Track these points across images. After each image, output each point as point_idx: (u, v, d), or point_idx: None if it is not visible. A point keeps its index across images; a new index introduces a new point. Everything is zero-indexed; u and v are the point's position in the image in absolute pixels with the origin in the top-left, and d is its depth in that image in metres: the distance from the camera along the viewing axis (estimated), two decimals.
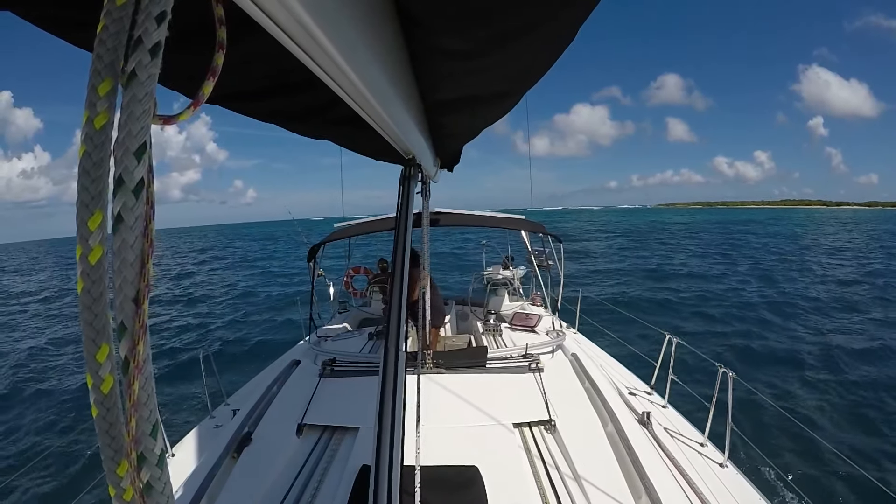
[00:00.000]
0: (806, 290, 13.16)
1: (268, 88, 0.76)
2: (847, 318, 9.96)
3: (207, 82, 0.34)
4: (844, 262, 19.16)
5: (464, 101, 0.95)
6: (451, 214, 4.49)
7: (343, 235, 4.87)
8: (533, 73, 0.79)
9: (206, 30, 0.37)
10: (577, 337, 4.27)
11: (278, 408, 2.62)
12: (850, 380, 6.52)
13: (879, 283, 13.99)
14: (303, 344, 4.04)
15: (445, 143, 1.50)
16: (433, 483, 1.69)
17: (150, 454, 0.28)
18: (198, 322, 11.32)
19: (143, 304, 0.27)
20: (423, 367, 2.78)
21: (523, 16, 0.53)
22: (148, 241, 0.27)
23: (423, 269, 2.34)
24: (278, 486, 2.03)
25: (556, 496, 1.91)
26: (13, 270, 33.36)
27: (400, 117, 0.78)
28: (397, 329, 0.99)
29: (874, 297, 11.92)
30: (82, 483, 2.93)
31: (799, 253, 22.96)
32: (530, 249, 5.30)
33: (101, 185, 0.25)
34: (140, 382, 0.27)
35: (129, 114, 0.26)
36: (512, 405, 2.52)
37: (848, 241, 30.24)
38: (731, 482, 2.23)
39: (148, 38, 0.26)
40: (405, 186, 1.24)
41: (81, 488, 2.67)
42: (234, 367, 6.54)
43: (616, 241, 32.16)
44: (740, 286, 13.71)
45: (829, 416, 5.50)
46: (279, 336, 8.93)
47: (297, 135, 1.01)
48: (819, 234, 34.72)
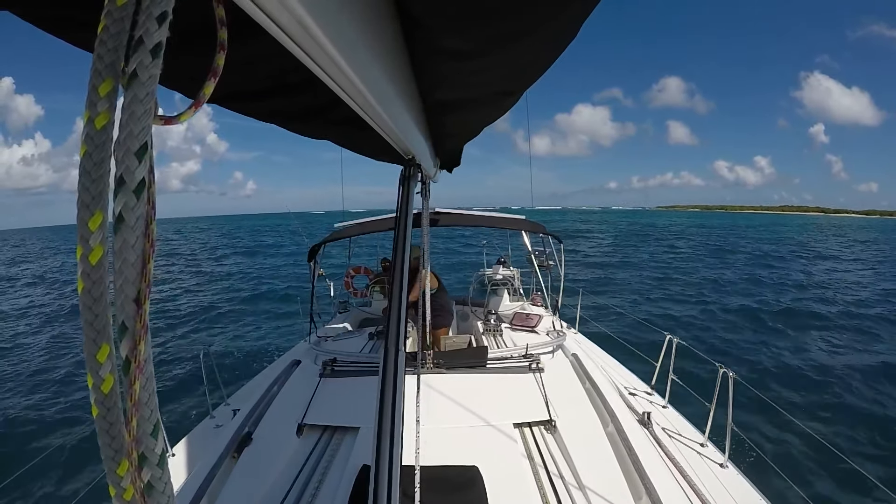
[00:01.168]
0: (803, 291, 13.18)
1: (268, 89, 0.76)
2: (848, 324, 9.98)
3: (208, 83, 0.34)
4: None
5: (463, 100, 0.95)
6: (451, 214, 4.49)
7: (343, 235, 4.87)
8: (533, 73, 0.79)
9: (206, 30, 0.37)
10: (577, 337, 4.27)
11: (278, 408, 2.62)
12: (850, 378, 6.52)
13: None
14: (303, 344, 4.04)
15: (445, 143, 1.50)
16: (434, 483, 1.69)
17: (150, 454, 0.28)
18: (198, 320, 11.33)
19: (144, 305, 0.27)
20: (424, 367, 2.78)
21: (523, 16, 0.53)
22: (149, 241, 0.27)
23: (423, 268, 2.34)
24: (278, 486, 2.03)
25: (556, 496, 1.91)
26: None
27: (400, 117, 0.78)
28: (397, 329, 0.99)
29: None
30: (82, 483, 2.93)
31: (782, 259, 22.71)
32: (530, 249, 5.31)
33: (101, 185, 0.25)
34: (141, 382, 0.27)
35: (130, 114, 0.26)
36: (512, 405, 2.52)
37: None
38: (731, 483, 2.23)
39: (149, 38, 0.26)
40: (405, 186, 1.24)
41: (82, 488, 2.68)
42: (233, 367, 6.55)
43: (612, 241, 32.30)
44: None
45: (830, 416, 5.50)
46: (280, 335, 8.95)
47: (298, 134, 1.01)
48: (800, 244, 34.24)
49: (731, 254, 24.72)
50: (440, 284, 3.97)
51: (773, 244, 32.44)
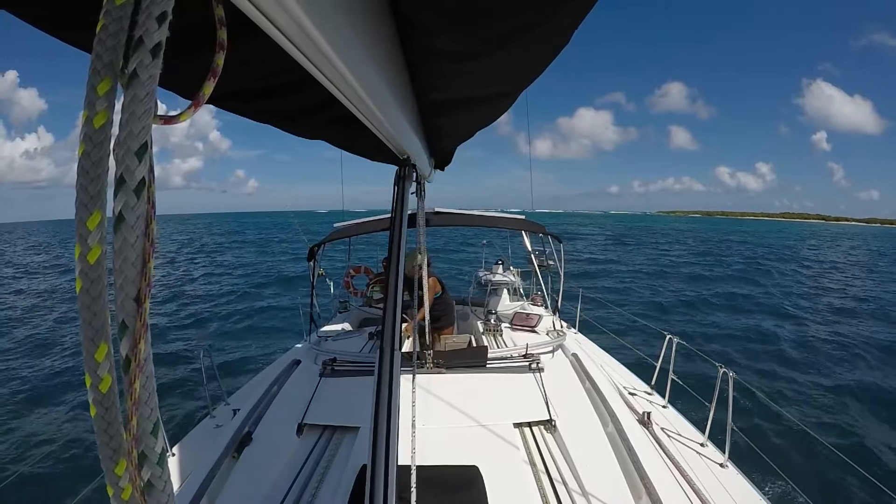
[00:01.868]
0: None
1: (265, 89, 0.76)
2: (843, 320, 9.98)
3: (208, 83, 0.34)
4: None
5: (459, 101, 0.95)
6: (450, 214, 4.48)
7: (342, 235, 4.87)
8: (529, 74, 0.79)
9: (206, 30, 0.37)
10: (577, 337, 4.27)
11: (278, 407, 2.62)
12: (848, 378, 6.52)
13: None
14: (303, 344, 4.04)
15: (441, 144, 1.50)
16: (433, 483, 1.69)
17: (150, 453, 0.28)
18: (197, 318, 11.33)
19: (144, 303, 0.27)
20: (424, 368, 2.79)
21: (519, 17, 0.53)
22: (149, 240, 0.27)
23: (421, 268, 2.33)
24: (278, 485, 2.04)
25: (556, 496, 1.91)
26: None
27: (395, 118, 0.78)
28: (392, 329, 0.99)
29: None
30: (82, 483, 2.93)
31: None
32: (530, 249, 5.31)
33: (99, 185, 0.25)
34: (141, 381, 0.27)
35: (130, 113, 0.26)
36: (512, 405, 2.52)
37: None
38: (731, 482, 2.23)
39: (149, 38, 0.26)
40: (400, 187, 1.24)
41: (82, 488, 2.67)
42: (233, 368, 6.54)
43: (611, 242, 32.44)
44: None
45: (830, 416, 5.50)
46: (278, 338, 8.94)
47: (294, 135, 1.01)
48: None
49: (722, 256, 25.00)
50: (442, 286, 3.96)
51: (766, 248, 32.88)
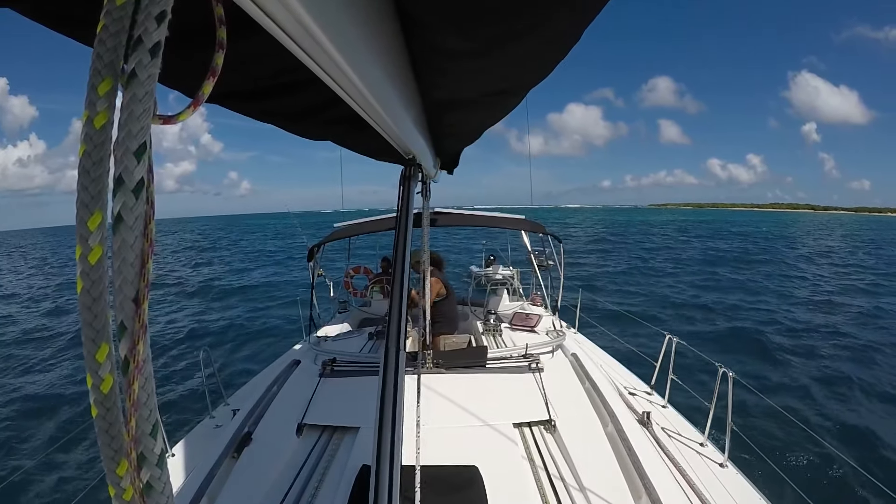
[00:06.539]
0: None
1: (267, 88, 0.76)
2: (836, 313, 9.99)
3: (207, 82, 0.34)
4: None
5: (464, 101, 0.94)
6: (450, 214, 4.48)
7: (343, 235, 4.87)
8: (535, 74, 0.77)
9: (206, 29, 0.37)
10: (577, 337, 4.27)
11: (278, 408, 2.62)
12: (849, 377, 6.52)
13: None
14: (303, 344, 4.04)
15: (446, 144, 1.50)
16: (433, 483, 1.69)
17: (150, 454, 0.28)
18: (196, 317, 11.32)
19: (143, 304, 0.27)
20: (424, 367, 2.78)
21: (525, 16, 0.52)
22: (148, 240, 0.27)
23: (425, 269, 2.33)
24: (278, 486, 2.03)
25: (555, 496, 1.91)
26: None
27: (400, 117, 0.78)
28: (397, 329, 0.99)
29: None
30: (83, 483, 2.93)
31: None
32: (530, 249, 5.31)
33: (100, 185, 0.25)
34: (140, 382, 0.27)
35: (129, 113, 0.25)
36: (512, 405, 2.52)
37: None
38: (731, 482, 2.23)
39: (148, 37, 0.26)
40: (405, 186, 1.24)
41: (82, 488, 2.67)
42: (233, 368, 6.53)
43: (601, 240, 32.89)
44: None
45: (830, 416, 5.50)
46: (278, 338, 8.94)
47: (298, 136, 1.00)
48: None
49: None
50: (448, 289, 3.85)
51: (752, 238, 33.57)
